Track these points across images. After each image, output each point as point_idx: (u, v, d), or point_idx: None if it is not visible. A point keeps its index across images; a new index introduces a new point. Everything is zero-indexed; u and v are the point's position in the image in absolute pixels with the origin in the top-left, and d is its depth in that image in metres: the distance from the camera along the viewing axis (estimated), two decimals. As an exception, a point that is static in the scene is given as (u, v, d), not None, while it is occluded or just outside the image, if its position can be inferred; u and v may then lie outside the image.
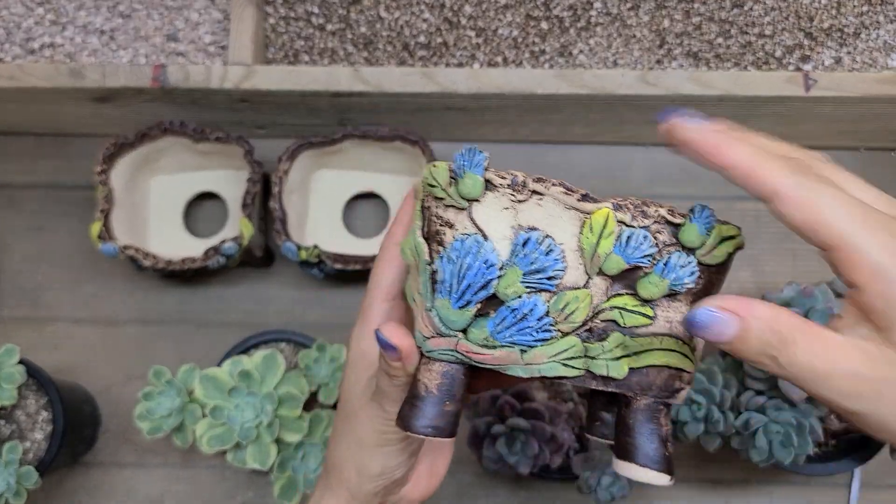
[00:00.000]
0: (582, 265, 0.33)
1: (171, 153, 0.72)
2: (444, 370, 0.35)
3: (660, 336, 0.34)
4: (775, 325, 0.28)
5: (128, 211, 0.70)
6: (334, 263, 0.65)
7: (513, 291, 0.33)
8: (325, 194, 0.74)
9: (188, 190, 0.74)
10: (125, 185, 0.70)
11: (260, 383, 0.56)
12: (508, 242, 0.33)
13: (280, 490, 0.57)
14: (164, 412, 0.58)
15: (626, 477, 0.38)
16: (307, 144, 0.69)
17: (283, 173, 0.68)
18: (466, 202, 0.34)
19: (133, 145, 0.69)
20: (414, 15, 0.80)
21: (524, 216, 0.33)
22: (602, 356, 0.34)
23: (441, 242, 0.34)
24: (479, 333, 0.34)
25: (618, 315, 0.34)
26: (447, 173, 0.34)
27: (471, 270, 0.33)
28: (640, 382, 0.34)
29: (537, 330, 0.33)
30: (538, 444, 0.56)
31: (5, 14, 0.79)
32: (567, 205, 0.34)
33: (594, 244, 0.33)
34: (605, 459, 0.58)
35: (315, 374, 0.60)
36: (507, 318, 0.33)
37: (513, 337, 0.33)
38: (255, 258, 0.71)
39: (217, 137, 0.69)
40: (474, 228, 0.33)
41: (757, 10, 0.80)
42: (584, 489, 0.58)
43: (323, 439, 0.57)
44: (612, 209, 0.33)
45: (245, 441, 0.55)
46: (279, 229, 0.66)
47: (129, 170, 0.70)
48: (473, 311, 0.33)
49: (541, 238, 0.33)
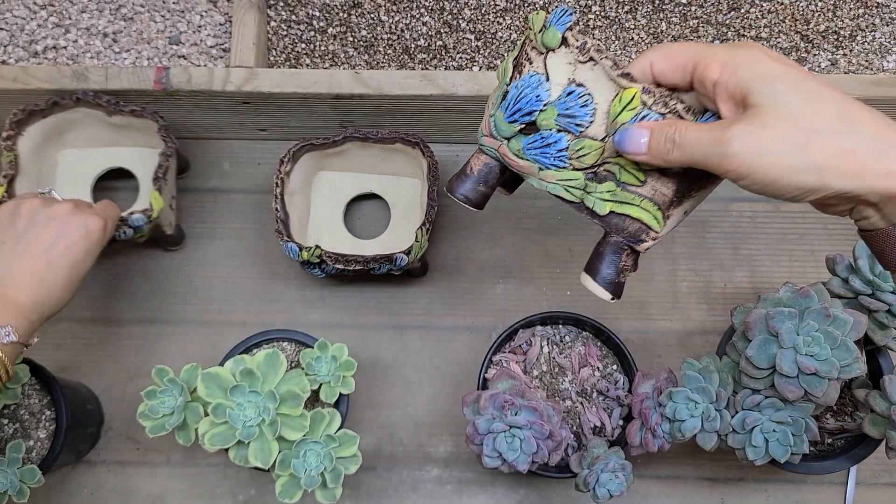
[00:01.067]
0: (605, 124, 0.43)
1: (83, 126, 0.71)
2: (486, 161, 0.48)
3: (642, 197, 0.44)
4: (670, 125, 0.40)
5: (33, 180, 0.70)
6: (335, 263, 0.66)
7: (546, 124, 0.44)
8: (326, 195, 0.74)
9: (98, 165, 0.74)
10: (32, 154, 0.69)
11: (262, 382, 0.56)
12: (560, 89, 0.44)
13: (281, 488, 0.58)
14: (166, 411, 0.58)
15: (588, 291, 0.48)
16: (309, 146, 0.70)
17: (285, 175, 0.69)
18: (545, 49, 0.43)
19: (44, 113, 0.68)
20: (414, 18, 0.81)
21: (579, 73, 0.43)
22: (594, 194, 0.45)
23: (520, 72, 0.44)
24: (515, 145, 0.45)
25: (617, 169, 0.44)
26: (542, 23, 0.43)
27: (524, 98, 0.44)
28: (617, 224, 0.45)
29: (555, 157, 0.45)
30: (537, 441, 0.56)
31: (9, 17, 0.79)
32: (610, 76, 0.42)
33: (617, 112, 0.42)
34: (602, 457, 0.58)
35: (317, 372, 0.61)
36: (536, 141, 0.45)
37: (536, 156, 0.45)
38: (166, 236, 0.71)
39: (132, 110, 0.68)
40: (543, 70, 0.44)
41: (754, 13, 0.80)
42: (582, 486, 0.59)
43: (324, 437, 0.58)
44: (640, 91, 0.41)
45: (247, 439, 0.55)
46: (280, 230, 0.67)
47: (39, 138, 0.70)
48: (517, 128, 0.45)
49: (582, 93, 0.43)
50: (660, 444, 0.58)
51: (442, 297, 0.75)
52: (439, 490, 0.70)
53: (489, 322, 0.74)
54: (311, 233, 0.73)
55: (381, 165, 0.74)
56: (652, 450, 0.58)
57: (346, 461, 0.59)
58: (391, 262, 0.66)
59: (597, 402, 0.64)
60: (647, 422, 0.58)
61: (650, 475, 0.70)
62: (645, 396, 0.59)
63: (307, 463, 0.57)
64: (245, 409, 0.55)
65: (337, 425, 0.59)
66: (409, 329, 0.74)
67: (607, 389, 0.63)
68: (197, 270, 0.75)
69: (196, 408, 0.58)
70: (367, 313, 0.74)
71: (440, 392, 0.72)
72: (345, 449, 0.58)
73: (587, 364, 0.65)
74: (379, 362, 0.73)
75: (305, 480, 0.57)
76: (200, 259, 0.75)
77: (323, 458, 0.57)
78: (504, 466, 0.57)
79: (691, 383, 0.57)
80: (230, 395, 0.55)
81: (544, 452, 0.56)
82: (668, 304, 0.74)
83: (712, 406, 0.57)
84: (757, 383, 0.56)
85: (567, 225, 0.76)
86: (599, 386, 0.64)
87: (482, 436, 0.57)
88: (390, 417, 0.72)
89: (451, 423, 0.72)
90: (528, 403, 0.56)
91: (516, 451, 0.56)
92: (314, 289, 0.75)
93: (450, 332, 0.74)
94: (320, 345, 0.62)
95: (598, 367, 0.65)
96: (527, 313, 0.74)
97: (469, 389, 0.72)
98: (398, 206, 0.74)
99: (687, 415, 0.57)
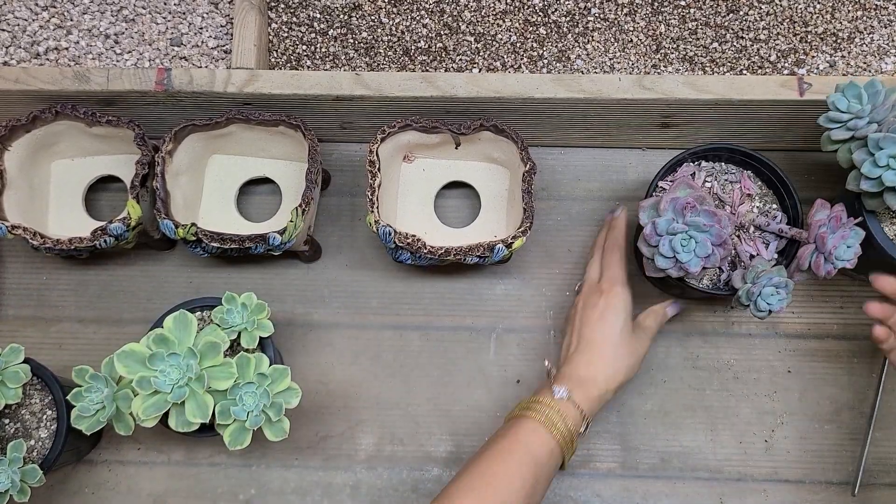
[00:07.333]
0: None
1: (68, 137, 0.72)
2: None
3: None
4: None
5: (24, 193, 0.71)
6: (212, 242, 0.66)
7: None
8: (219, 179, 0.75)
9: (88, 174, 0.75)
10: (20, 167, 0.70)
11: (177, 344, 0.57)
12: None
13: (230, 437, 0.59)
14: (97, 406, 0.60)
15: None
16: (192, 126, 0.70)
17: (167, 154, 0.69)
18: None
19: (26, 127, 0.69)
20: (414, 20, 0.81)
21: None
22: None
23: None
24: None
25: None
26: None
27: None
28: None
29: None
30: (712, 246, 0.59)
31: (10, 18, 0.80)
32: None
33: None
34: (767, 272, 0.61)
35: (231, 324, 0.62)
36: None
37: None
38: (152, 240, 0.72)
39: (108, 121, 0.69)
40: None
41: (752, 15, 0.81)
42: (744, 299, 0.61)
43: (256, 377, 0.59)
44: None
45: (180, 400, 0.56)
46: (159, 208, 0.67)
47: (26, 152, 0.70)
48: None
49: None
50: (828, 270, 0.60)
51: (442, 297, 0.75)
52: (439, 490, 0.70)
53: (489, 322, 0.74)
54: (202, 215, 0.73)
55: (271, 149, 0.74)
56: (820, 274, 0.60)
57: (284, 395, 0.60)
58: (266, 242, 0.66)
59: (753, 237, 0.66)
60: (823, 246, 0.60)
61: (650, 475, 0.71)
62: (822, 223, 0.60)
63: (246, 404, 0.58)
64: (168, 373, 0.56)
65: (266, 364, 0.60)
66: (408, 329, 0.74)
67: (767, 224, 0.65)
68: (197, 270, 0.76)
69: (126, 395, 0.60)
70: (368, 313, 0.74)
71: (440, 392, 0.73)
72: (279, 384, 0.60)
73: (745, 200, 0.67)
74: (379, 362, 0.73)
75: (250, 421, 0.58)
76: (200, 259, 0.76)
77: (260, 397, 0.59)
78: (674, 269, 0.60)
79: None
80: (150, 364, 0.56)
81: (716, 257, 0.59)
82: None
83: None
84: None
85: (567, 225, 0.76)
86: (758, 221, 0.66)
87: (660, 236, 0.60)
88: (390, 417, 0.72)
89: (451, 423, 0.72)
90: (707, 208, 0.59)
91: (690, 254, 0.59)
92: (315, 289, 0.75)
93: (450, 332, 0.74)
94: (227, 297, 0.63)
95: (758, 205, 0.67)
96: (527, 313, 0.74)
97: (470, 390, 0.72)
98: (289, 190, 0.75)
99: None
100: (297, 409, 0.62)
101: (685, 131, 0.74)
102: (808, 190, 0.74)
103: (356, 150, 0.78)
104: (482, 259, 0.67)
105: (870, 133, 0.59)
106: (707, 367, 0.73)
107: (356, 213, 0.77)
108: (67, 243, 0.67)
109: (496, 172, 0.74)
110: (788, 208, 0.67)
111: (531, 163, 0.68)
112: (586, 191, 0.77)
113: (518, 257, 0.75)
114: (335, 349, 0.74)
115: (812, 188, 0.76)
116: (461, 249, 0.66)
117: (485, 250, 0.66)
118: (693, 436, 0.71)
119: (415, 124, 0.69)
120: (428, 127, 0.70)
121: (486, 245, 0.66)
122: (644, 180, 0.77)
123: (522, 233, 0.66)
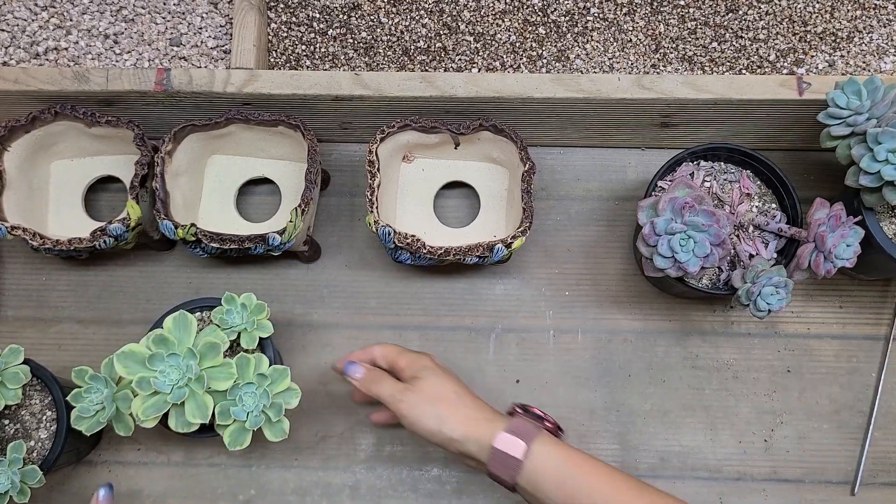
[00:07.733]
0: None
1: (67, 138, 0.72)
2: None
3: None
4: (372, 373, 0.62)
5: (24, 194, 0.71)
6: (211, 242, 0.66)
7: None
8: (218, 179, 0.75)
9: (88, 174, 0.75)
10: (20, 168, 0.70)
11: (177, 344, 0.57)
12: None
13: (229, 438, 0.59)
14: (96, 406, 0.59)
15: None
16: (191, 126, 0.70)
17: (167, 154, 0.69)
18: None
19: (25, 128, 0.69)
20: (414, 20, 0.81)
21: None
22: None
23: None
24: None
25: None
26: None
27: None
28: None
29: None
30: (711, 246, 0.59)
31: (10, 18, 0.80)
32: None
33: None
34: (767, 271, 0.61)
35: (231, 324, 0.62)
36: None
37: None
38: (151, 240, 0.72)
39: (107, 121, 0.69)
40: None
41: (751, 15, 0.81)
42: (744, 299, 0.61)
43: (256, 377, 0.59)
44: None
45: (179, 400, 0.56)
46: (159, 209, 0.67)
47: (25, 153, 0.70)
48: None
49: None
50: (828, 269, 0.60)
51: (441, 297, 0.75)
52: (439, 490, 0.70)
53: (488, 322, 0.74)
54: (201, 216, 0.73)
55: (270, 149, 0.74)
56: (819, 273, 0.60)
57: (283, 395, 0.61)
58: (265, 242, 0.66)
59: (752, 236, 0.66)
60: (823, 245, 0.60)
61: (650, 475, 0.71)
62: (821, 221, 0.60)
63: (245, 405, 0.58)
64: (168, 374, 0.56)
65: (266, 364, 0.60)
66: (408, 329, 0.74)
67: (766, 224, 0.66)
68: (196, 271, 0.76)
69: (126, 395, 0.60)
70: (367, 313, 0.75)
71: (440, 392, 0.73)
72: (279, 384, 0.60)
73: (745, 199, 0.68)
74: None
75: (249, 422, 0.58)
76: (199, 259, 0.76)
77: (260, 397, 0.59)
78: (673, 268, 0.60)
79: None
80: (150, 365, 0.56)
81: (715, 257, 0.60)
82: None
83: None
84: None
85: (566, 225, 0.76)
86: (757, 221, 0.66)
87: (658, 236, 0.60)
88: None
89: (450, 423, 0.72)
90: (706, 208, 0.60)
91: (688, 254, 0.59)
92: (314, 289, 0.75)
93: (449, 332, 0.74)
94: (227, 298, 0.63)
95: (757, 204, 0.68)
96: (526, 313, 0.74)
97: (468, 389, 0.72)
98: (289, 190, 0.75)
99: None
100: (296, 410, 0.62)
101: (684, 131, 0.74)
102: (808, 189, 0.74)
103: (355, 150, 0.78)
104: (481, 259, 0.67)
105: (869, 129, 0.59)
106: (706, 366, 0.73)
107: (356, 214, 0.77)
108: (67, 244, 0.67)
109: (495, 172, 0.74)
110: (787, 208, 0.67)
111: (530, 163, 0.68)
112: (585, 190, 0.77)
113: (517, 257, 0.75)
114: (335, 349, 0.74)
115: (811, 187, 0.76)
116: (460, 249, 0.66)
117: (484, 250, 0.66)
118: (692, 435, 0.71)
119: (414, 124, 0.69)
120: (427, 127, 0.70)
121: (485, 245, 0.66)
122: (643, 180, 0.77)
123: (522, 233, 0.66)
